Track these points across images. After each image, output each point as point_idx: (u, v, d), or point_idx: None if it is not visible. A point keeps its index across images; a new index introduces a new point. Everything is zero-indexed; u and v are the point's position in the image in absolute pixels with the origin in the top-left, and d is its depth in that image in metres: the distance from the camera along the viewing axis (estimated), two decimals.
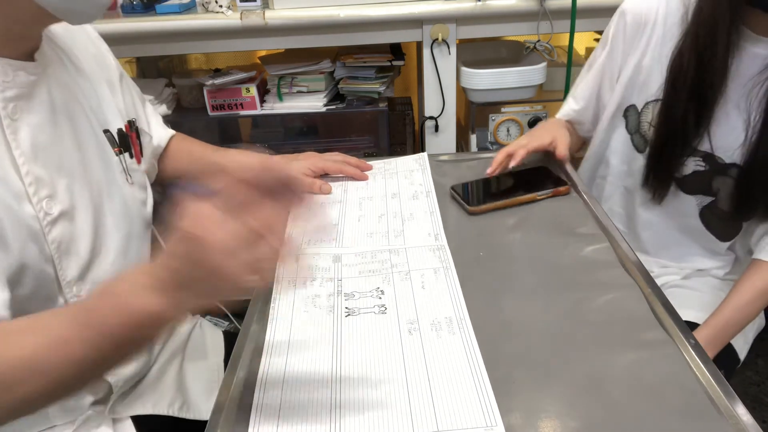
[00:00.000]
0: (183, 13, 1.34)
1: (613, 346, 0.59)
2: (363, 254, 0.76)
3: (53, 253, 0.62)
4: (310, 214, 0.58)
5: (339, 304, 0.67)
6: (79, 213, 0.66)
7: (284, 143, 1.67)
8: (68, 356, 0.50)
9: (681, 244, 0.99)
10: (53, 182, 0.63)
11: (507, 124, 1.44)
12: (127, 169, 0.76)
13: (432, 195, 0.89)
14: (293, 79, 1.47)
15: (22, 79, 0.61)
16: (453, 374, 0.56)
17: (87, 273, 0.67)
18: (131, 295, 0.50)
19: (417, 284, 0.69)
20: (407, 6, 1.31)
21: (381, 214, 0.85)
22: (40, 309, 0.61)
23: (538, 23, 1.33)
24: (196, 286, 0.49)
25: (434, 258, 0.74)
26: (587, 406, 0.53)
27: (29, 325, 0.53)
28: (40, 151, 0.62)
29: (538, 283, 0.70)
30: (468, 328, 0.62)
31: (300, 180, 0.93)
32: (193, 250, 0.48)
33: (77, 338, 0.50)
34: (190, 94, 1.54)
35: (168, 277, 0.49)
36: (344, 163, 0.96)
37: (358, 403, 0.54)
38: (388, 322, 0.64)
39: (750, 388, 1.55)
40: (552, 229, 0.80)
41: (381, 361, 0.59)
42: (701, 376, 0.55)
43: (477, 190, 0.89)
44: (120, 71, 0.82)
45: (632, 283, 0.68)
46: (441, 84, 1.40)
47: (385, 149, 1.58)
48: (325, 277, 0.72)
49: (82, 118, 0.70)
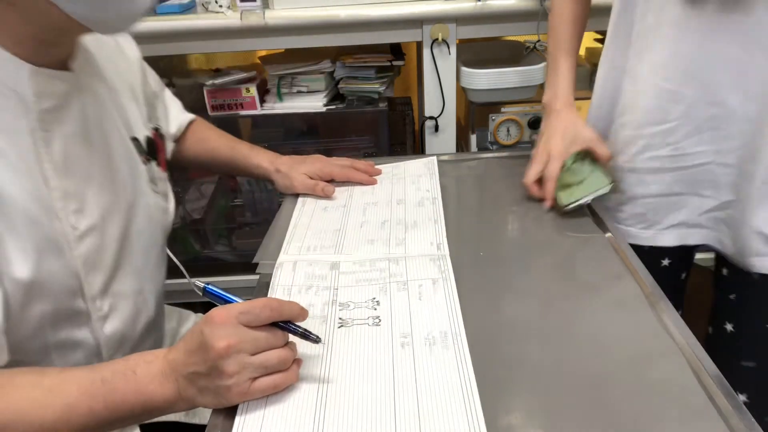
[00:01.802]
0: (183, 13, 1.34)
1: (612, 346, 0.59)
2: (362, 262, 0.74)
3: (80, 268, 0.61)
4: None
5: (333, 314, 0.65)
6: (108, 225, 0.65)
7: (284, 143, 1.66)
8: (70, 421, 0.52)
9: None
10: (82, 196, 0.61)
11: (507, 124, 1.44)
12: (154, 178, 0.75)
13: (438, 202, 0.86)
14: (293, 79, 1.47)
15: (58, 90, 0.59)
16: (442, 391, 0.54)
17: (110, 286, 0.65)
18: (152, 382, 0.53)
19: (414, 295, 0.67)
20: (407, 6, 1.31)
21: (384, 220, 0.83)
22: (65, 325, 0.61)
23: (538, 23, 1.33)
24: (199, 382, 0.52)
25: (434, 268, 0.72)
26: (587, 406, 0.53)
27: (37, 382, 0.53)
28: (71, 162, 0.60)
29: (538, 283, 0.70)
30: (462, 342, 0.60)
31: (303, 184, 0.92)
32: (202, 346, 0.51)
33: (85, 408, 0.52)
34: (190, 94, 1.54)
35: (179, 368, 0.53)
36: (351, 169, 0.94)
37: (342, 417, 0.53)
38: (381, 335, 0.62)
39: None
40: (552, 228, 0.80)
41: (370, 376, 0.57)
42: (701, 376, 0.55)
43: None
44: (143, 67, 0.80)
45: (632, 282, 0.68)
46: (441, 84, 1.40)
47: (385, 149, 1.58)
48: (321, 285, 0.70)
49: (113, 128, 0.68)
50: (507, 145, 1.46)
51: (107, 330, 0.65)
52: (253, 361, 0.52)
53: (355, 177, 0.94)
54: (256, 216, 1.71)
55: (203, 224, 1.72)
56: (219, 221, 1.75)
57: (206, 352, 0.51)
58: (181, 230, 1.70)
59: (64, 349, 0.62)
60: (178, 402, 0.53)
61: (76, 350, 0.64)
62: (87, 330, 0.63)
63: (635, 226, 0.87)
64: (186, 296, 1.39)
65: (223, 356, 0.51)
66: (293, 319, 0.56)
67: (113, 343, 0.67)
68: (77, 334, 0.63)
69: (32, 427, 0.51)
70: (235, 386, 0.52)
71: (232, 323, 0.52)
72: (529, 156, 0.88)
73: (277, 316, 0.54)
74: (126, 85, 0.74)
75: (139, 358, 0.54)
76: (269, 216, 1.66)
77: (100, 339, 0.65)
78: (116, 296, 0.66)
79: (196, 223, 1.71)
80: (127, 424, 0.56)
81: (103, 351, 0.66)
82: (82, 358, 0.64)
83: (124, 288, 0.67)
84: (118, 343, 0.68)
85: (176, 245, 1.69)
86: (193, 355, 0.52)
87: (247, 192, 1.69)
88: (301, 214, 0.87)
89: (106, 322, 0.65)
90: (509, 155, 1.02)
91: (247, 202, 1.71)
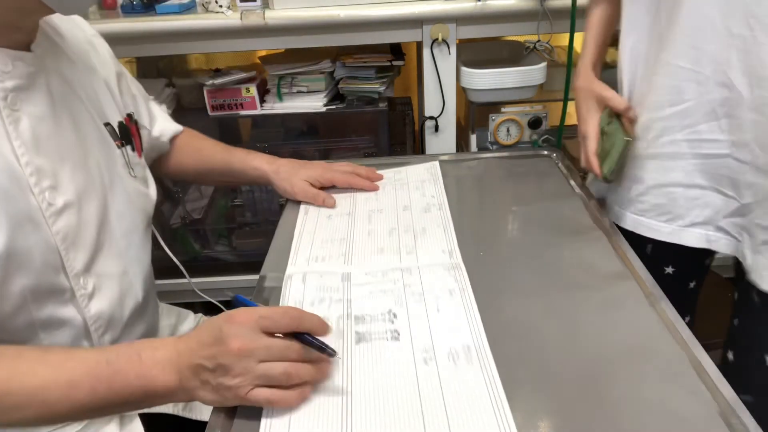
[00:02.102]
0: (183, 13, 1.34)
1: (613, 346, 0.59)
2: (374, 273, 0.72)
3: (59, 244, 0.62)
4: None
5: (349, 327, 0.63)
6: (85, 204, 0.66)
7: (284, 143, 1.66)
8: (71, 399, 0.53)
9: None
10: (56, 173, 0.63)
11: (507, 124, 1.43)
12: (129, 162, 0.76)
13: (445, 207, 0.85)
14: (293, 79, 1.47)
15: (21, 70, 0.61)
16: (473, 410, 0.52)
17: (92, 265, 0.67)
18: (155, 366, 0.53)
19: (432, 307, 0.65)
20: (407, 6, 1.31)
21: (392, 228, 0.82)
22: (49, 302, 0.62)
23: (538, 23, 1.33)
24: (202, 375, 0.53)
25: (449, 278, 0.70)
26: (587, 406, 0.53)
27: (42, 357, 0.54)
28: (41, 142, 0.62)
29: (537, 283, 0.70)
30: (488, 358, 0.58)
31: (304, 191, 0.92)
32: (216, 341, 0.52)
33: (88, 387, 0.53)
34: (190, 94, 1.54)
35: (188, 357, 0.53)
36: (353, 175, 0.94)
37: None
38: (401, 350, 0.59)
39: None
40: (552, 228, 0.80)
41: (395, 394, 0.54)
42: (701, 376, 0.55)
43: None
44: (119, 70, 0.82)
45: (633, 283, 0.68)
46: (441, 84, 1.40)
47: (385, 149, 1.58)
48: (334, 298, 0.68)
49: (82, 111, 0.70)
50: (507, 145, 1.46)
51: (93, 309, 0.67)
52: (257, 368, 0.52)
53: (357, 183, 0.93)
54: (256, 216, 1.71)
55: (203, 224, 1.72)
56: (219, 221, 1.75)
57: (219, 348, 0.52)
58: (181, 230, 1.70)
59: (51, 328, 0.64)
60: (178, 392, 0.54)
61: (63, 329, 0.65)
62: (73, 308, 0.65)
63: (657, 219, 0.83)
64: (186, 296, 1.39)
65: (233, 356, 0.51)
66: (313, 331, 0.55)
67: (101, 323, 0.68)
68: (63, 311, 0.64)
69: (34, 399, 0.52)
70: (235, 388, 0.52)
71: (251, 326, 0.52)
72: (529, 156, 0.88)
73: (295, 326, 0.54)
74: (99, 76, 0.75)
75: (146, 343, 0.55)
76: (269, 216, 1.67)
77: (86, 318, 0.66)
78: (100, 276, 0.68)
79: (196, 223, 1.71)
80: (126, 409, 0.57)
81: (91, 331, 0.67)
82: (71, 338, 0.66)
83: (108, 269, 0.69)
84: (106, 324, 0.69)
85: (176, 245, 1.69)
86: (205, 347, 0.53)
87: (247, 192, 1.69)
88: (305, 222, 0.85)
89: (91, 301, 0.67)
90: (509, 155, 1.02)
91: (247, 202, 1.71)
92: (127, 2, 1.36)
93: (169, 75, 1.60)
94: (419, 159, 1.03)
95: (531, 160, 1.00)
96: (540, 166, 0.98)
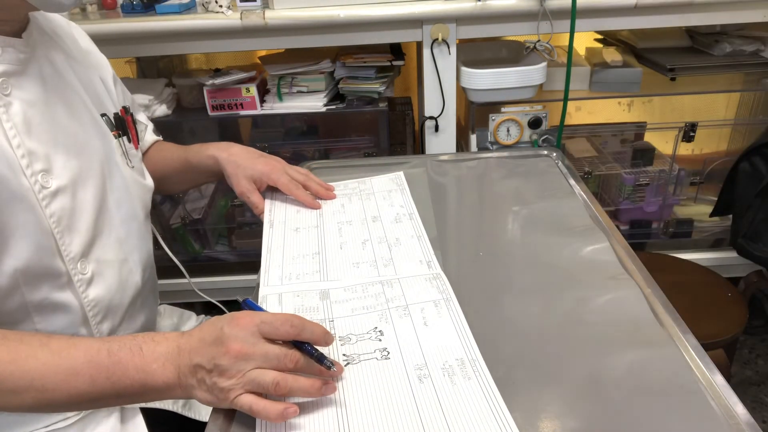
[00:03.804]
0: (183, 13, 1.34)
1: (613, 346, 0.59)
2: (353, 288, 0.69)
3: (53, 227, 0.62)
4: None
5: (335, 350, 0.60)
6: (81, 189, 0.67)
7: (284, 143, 1.67)
8: (70, 387, 0.53)
9: None
10: (49, 157, 0.63)
11: (507, 124, 1.44)
12: (127, 153, 0.76)
13: (415, 217, 0.83)
14: (293, 79, 1.47)
15: (12, 56, 0.62)
16: (476, 424, 0.50)
17: (90, 251, 0.67)
18: (155, 361, 0.53)
19: (418, 321, 0.63)
20: (407, 6, 1.31)
21: (364, 240, 0.78)
22: (43, 285, 0.63)
23: (538, 23, 1.33)
24: (199, 374, 0.53)
25: (432, 289, 0.68)
26: (587, 406, 0.53)
27: (45, 342, 0.54)
28: (33, 126, 0.62)
29: (537, 282, 0.70)
30: (483, 370, 0.56)
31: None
32: (217, 342, 0.52)
33: (87, 376, 0.53)
34: (190, 94, 1.54)
35: (188, 354, 0.53)
36: (298, 186, 0.87)
37: None
38: (394, 369, 0.57)
39: (750, 388, 1.55)
40: (552, 228, 0.80)
41: (393, 411, 0.52)
42: (701, 376, 0.55)
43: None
44: (113, 74, 0.82)
45: (632, 283, 0.68)
46: (441, 84, 1.40)
47: (385, 149, 1.58)
48: (315, 318, 0.64)
49: (78, 101, 0.70)
50: (507, 145, 1.46)
51: (91, 294, 0.67)
52: (249, 373, 0.52)
53: (299, 196, 0.86)
54: (255, 216, 1.71)
55: (203, 224, 1.72)
56: (219, 221, 1.75)
57: (218, 349, 0.52)
58: (181, 230, 1.70)
59: (45, 312, 0.64)
60: (176, 388, 0.54)
61: (58, 313, 0.65)
62: (70, 293, 0.65)
63: None
64: (186, 296, 1.39)
65: (230, 358, 0.51)
66: (313, 341, 0.55)
67: (99, 309, 0.69)
68: (58, 296, 0.64)
69: (33, 384, 0.52)
70: (226, 391, 0.52)
71: (252, 331, 0.52)
72: (529, 156, 0.88)
73: (295, 335, 0.53)
74: (94, 71, 0.76)
75: (148, 336, 0.55)
76: None
77: (83, 303, 0.67)
78: (99, 262, 0.68)
79: (196, 223, 1.71)
80: (123, 402, 0.57)
81: (89, 317, 0.68)
82: (67, 323, 0.66)
83: (107, 255, 0.70)
84: (105, 311, 0.69)
85: (176, 245, 1.70)
86: (205, 346, 0.53)
87: None
88: (272, 237, 0.81)
89: (90, 286, 0.67)
90: (509, 155, 1.02)
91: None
92: (127, 2, 1.36)
93: (169, 75, 1.60)
94: (419, 159, 1.03)
95: (531, 160, 1.00)
96: (540, 166, 0.98)
